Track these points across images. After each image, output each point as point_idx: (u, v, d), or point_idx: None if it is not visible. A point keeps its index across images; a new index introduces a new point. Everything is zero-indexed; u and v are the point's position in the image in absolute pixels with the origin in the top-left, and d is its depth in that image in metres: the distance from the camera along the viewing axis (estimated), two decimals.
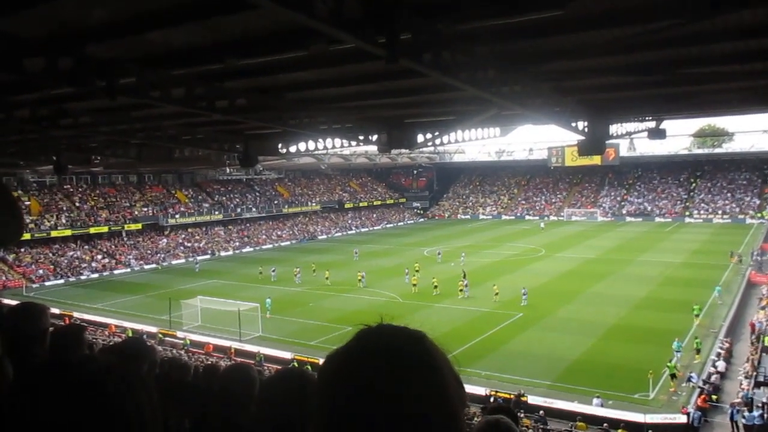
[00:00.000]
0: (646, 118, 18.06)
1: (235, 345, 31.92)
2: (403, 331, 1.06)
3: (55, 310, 37.80)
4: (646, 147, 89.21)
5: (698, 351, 27.57)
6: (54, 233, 59.92)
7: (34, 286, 52.02)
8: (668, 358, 26.11)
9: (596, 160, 79.85)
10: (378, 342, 1.04)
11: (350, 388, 0.99)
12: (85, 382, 1.04)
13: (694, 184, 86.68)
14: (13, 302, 14.46)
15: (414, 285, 42.21)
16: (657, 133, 18.90)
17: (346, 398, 0.99)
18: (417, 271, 45.81)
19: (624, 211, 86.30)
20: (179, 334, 34.67)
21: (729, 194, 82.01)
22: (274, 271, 50.05)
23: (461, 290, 39.74)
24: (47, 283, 53.30)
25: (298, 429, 2.34)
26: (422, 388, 0.99)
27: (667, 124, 18.56)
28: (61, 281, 54.49)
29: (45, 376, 1.05)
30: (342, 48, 7.29)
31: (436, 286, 40.50)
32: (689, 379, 24.91)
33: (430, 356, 1.03)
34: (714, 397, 23.65)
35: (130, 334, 31.98)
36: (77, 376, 1.04)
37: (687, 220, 79.49)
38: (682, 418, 21.72)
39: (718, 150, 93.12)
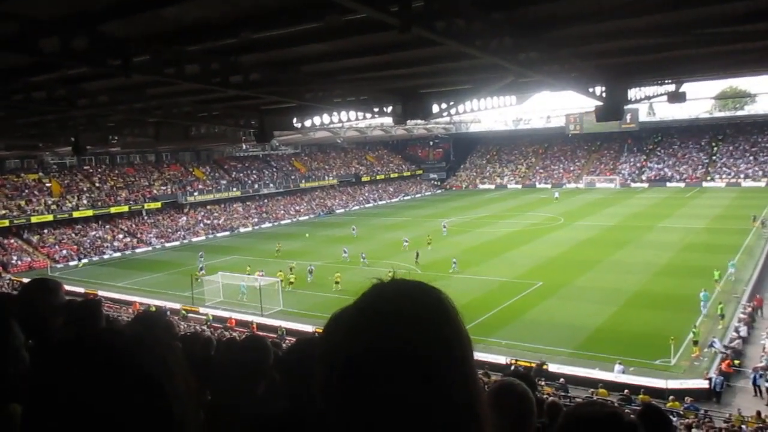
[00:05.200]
0: (666, 82, 17.71)
1: (257, 320, 32.35)
2: (417, 284, 1.03)
3: (80, 290, 38.53)
4: (666, 111, 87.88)
5: (722, 316, 27.43)
6: (76, 214, 60.71)
7: (58, 266, 52.86)
8: (690, 323, 26.00)
9: (615, 126, 78.61)
10: (391, 296, 1.00)
11: (362, 344, 0.95)
12: (114, 354, 0.99)
13: (715, 148, 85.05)
14: None
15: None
16: (677, 97, 18.50)
17: (357, 355, 0.94)
18: (429, 243, 45.96)
19: (644, 177, 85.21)
20: (202, 310, 35.21)
21: (752, 158, 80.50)
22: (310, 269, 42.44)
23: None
24: (71, 263, 54.19)
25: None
26: (438, 341, 0.96)
27: (687, 87, 18.14)
28: (85, 261, 55.33)
29: (72, 350, 1.00)
30: (356, 18, 7.23)
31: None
32: (711, 345, 24.81)
33: (445, 308, 1.01)
34: (737, 361, 23.56)
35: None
36: (107, 349, 1.00)
37: (708, 184, 78.27)
38: (703, 384, 21.70)
39: (740, 112, 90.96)
